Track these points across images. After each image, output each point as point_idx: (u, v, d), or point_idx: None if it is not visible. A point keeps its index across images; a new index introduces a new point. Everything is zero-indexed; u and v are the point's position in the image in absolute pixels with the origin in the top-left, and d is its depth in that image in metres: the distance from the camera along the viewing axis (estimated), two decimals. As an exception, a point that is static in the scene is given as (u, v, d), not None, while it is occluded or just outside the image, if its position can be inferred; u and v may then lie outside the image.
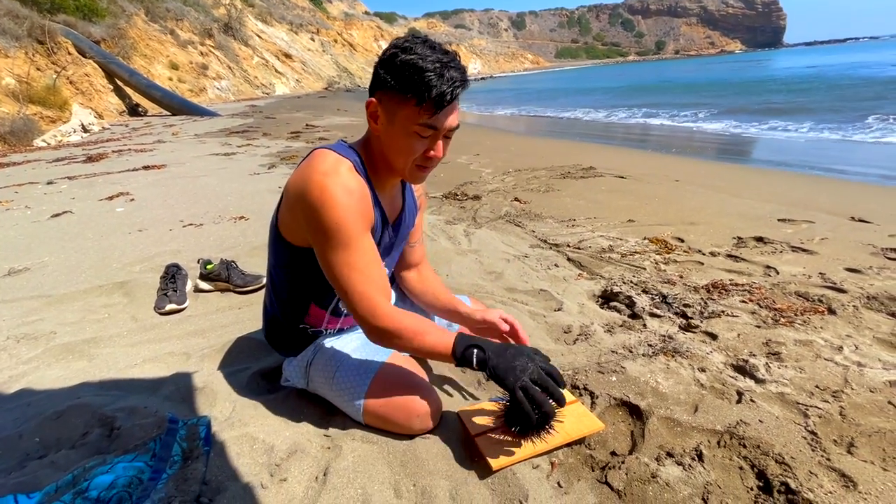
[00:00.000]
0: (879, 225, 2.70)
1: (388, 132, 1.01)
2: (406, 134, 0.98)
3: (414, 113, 0.95)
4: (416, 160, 1.01)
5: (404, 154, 1.00)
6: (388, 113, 0.99)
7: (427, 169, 1.05)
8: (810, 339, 1.48)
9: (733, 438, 1.06)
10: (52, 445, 1.12)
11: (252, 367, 1.39)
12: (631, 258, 2.24)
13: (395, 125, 0.99)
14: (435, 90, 0.93)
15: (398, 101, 0.96)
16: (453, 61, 0.96)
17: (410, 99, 0.94)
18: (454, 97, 0.96)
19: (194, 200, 3.61)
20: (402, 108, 0.96)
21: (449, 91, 0.94)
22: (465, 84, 0.97)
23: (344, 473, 1.00)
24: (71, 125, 9.23)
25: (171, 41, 21.53)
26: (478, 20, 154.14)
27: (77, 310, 1.85)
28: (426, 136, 0.98)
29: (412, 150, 0.99)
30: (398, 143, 1.00)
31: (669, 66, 66.40)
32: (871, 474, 0.96)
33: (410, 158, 1.00)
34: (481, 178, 4.36)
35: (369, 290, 0.98)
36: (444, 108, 0.95)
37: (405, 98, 0.95)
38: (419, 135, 0.98)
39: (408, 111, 0.96)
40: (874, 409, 1.16)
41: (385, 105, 0.99)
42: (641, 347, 1.46)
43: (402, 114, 0.97)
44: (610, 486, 0.96)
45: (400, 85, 0.94)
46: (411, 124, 0.97)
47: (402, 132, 0.98)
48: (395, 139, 1.00)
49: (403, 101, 0.95)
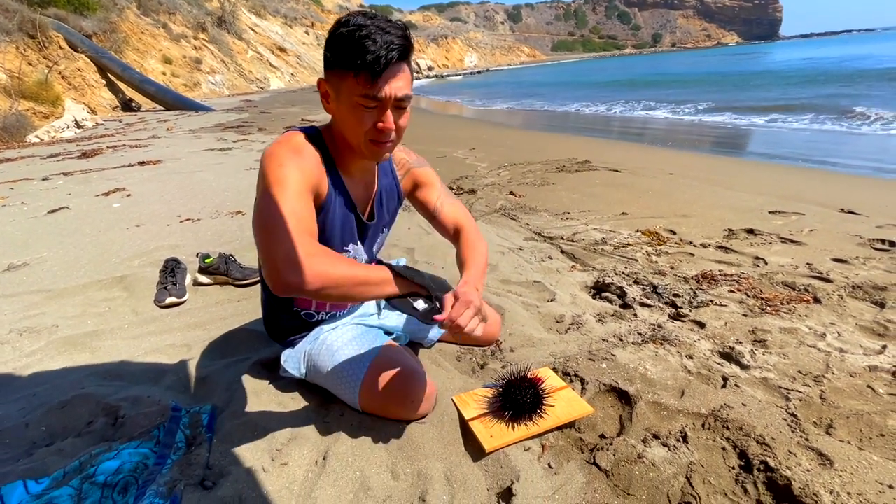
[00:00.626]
0: (868, 216, 2.75)
1: (338, 110, 0.99)
2: (351, 107, 0.95)
3: (354, 84, 0.93)
4: (367, 134, 0.98)
5: (354, 129, 0.98)
6: (334, 89, 0.98)
7: (383, 144, 1.00)
8: (795, 326, 1.52)
9: (717, 421, 1.11)
10: (58, 434, 1.15)
11: (252, 358, 1.42)
12: (623, 250, 2.28)
13: (341, 101, 0.97)
14: (369, 55, 0.89)
15: (340, 76, 0.95)
16: (392, 26, 0.93)
17: (349, 71, 0.92)
18: (389, 61, 0.91)
19: (191, 195, 3.62)
20: (343, 82, 0.94)
21: (383, 55, 0.90)
22: (402, 49, 0.93)
23: (343, 457, 1.04)
24: (64, 121, 9.17)
25: (163, 35, 21.32)
26: (474, 13, 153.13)
27: (78, 304, 1.87)
28: (371, 108, 0.95)
29: (360, 123, 0.96)
30: (347, 118, 0.98)
31: (665, 58, 66.25)
32: (847, 453, 1.00)
33: (361, 132, 0.97)
34: (477, 172, 4.38)
35: (294, 231, 0.86)
36: (380, 74, 0.91)
37: (344, 71, 0.93)
38: (364, 106, 0.95)
39: (348, 84, 0.93)
40: (853, 393, 1.21)
41: (331, 83, 0.98)
42: (631, 336, 1.50)
43: (345, 88, 0.95)
44: (598, 467, 1.00)
45: (338, 58, 0.93)
46: (354, 96, 0.94)
47: (347, 107, 0.96)
48: (343, 115, 0.98)
49: (343, 75, 0.93)
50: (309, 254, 0.85)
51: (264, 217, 0.89)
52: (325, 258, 0.87)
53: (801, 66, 23.29)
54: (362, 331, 1.25)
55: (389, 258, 1.60)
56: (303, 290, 0.84)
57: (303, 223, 0.89)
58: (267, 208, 0.89)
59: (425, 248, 2.41)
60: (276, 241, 0.85)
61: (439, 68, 68.46)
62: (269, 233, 0.87)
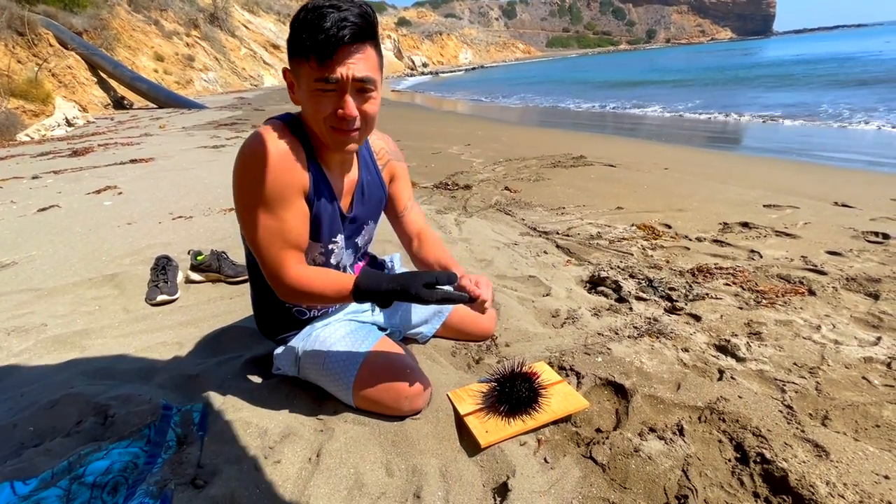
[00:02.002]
0: (862, 209, 2.76)
1: (301, 98, 0.95)
2: (310, 94, 0.91)
3: (309, 70, 0.89)
4: (327, 121, 0.93)
5: (314, 116, 0.94)
6: (296, 78, 0.94)
7: (346, 132, 0.94)
8: (790, 319, 1.52)
9: (713, 414, 1.10)
10: (46, 434, 1.13)
11: (244, 355, 1.40)
12: (619, 244, 2.27)
13: (301, 88, 0.93)
14: (321, 34, 0.84)
15: (297, 62, 0.91)
16: (349, 4, 0.87)
17: (303, 54, 0.88)
18: (341, 39, 0.85)
19: (183, 193, 3.59)
20: (301, 68, 0.91)
21: (334, 33, 0.84)
22: (357, 27, 0.87)
23: (336, 454, 1.03)
24: (54, 119, 9.07)
25: (155, 32, 21.10)
26: (468, 9, 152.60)
27: (67, 302, 1.84)
28: (329, 91, 0.90)
29: (319, 110, 0.92)
30: (307, 106, 0.94)
31: (660, 54, 66.32)
32: (842, 444, 1.00)
33: (320, 119, 0.93)
34: (472, 167, 4.37)
35: (277, 248, 0.97)
36: (332, 55, 0.86)
37: (300, 57, 0.89)
38: (321, 91, 0.90)
39: (305, 69, 0.90)
40: (849, 384, 1.20)
41: (293, 71, 0.94)
42: (627, 330, 1.49)
43: (303, 74, 0.91)
44: (594, 461, 1.00)
45: (294, 44, 0.89)
46: (310, 82, 0.90)
47: (306, 93, 0.92)
48: (305, 104, 0.95)
49: (301, 61, 0.90)
50: (289, 273, 0.98)
51: (252, 236, 0.98)
52: (303, 277, 0.99)
53: (793, 60, 23.36)
54: (356, 327, 1.23)
55: (383, 254, 1.58)
56: (288, 301, 1.05)
57: (288, 238, 0.98)
58: (252, 231, 0.97)
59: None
60: (264, 261, 0.99)
61: (434, 65, 68.21)
62: (258, 253, 1.00)
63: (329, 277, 1.01)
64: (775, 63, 23.13)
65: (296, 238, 0.99)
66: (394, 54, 59.26)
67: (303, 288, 0.99)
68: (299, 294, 1.00)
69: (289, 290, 1.00)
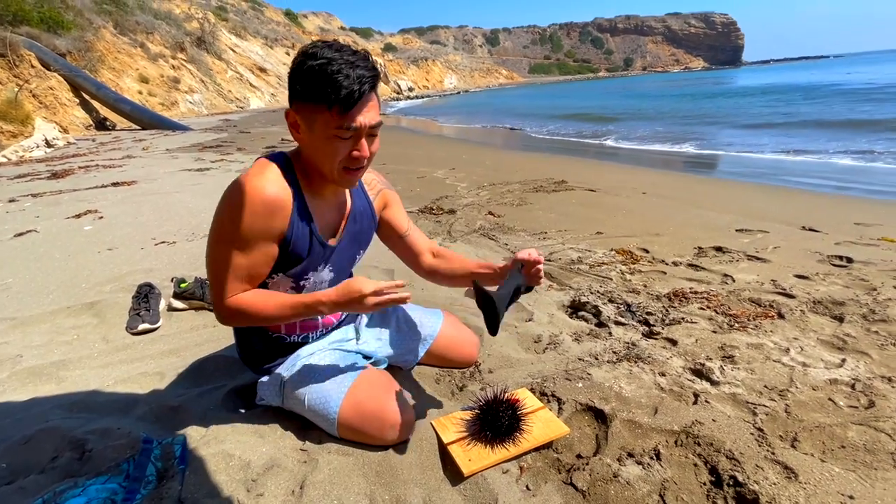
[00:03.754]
0: (828, 233, 2.90)
1: (311, 140, 1.01)
2: (326, 139, 0.99)
3: (328, 117, 0.96)
4: (342, 162, 1.01)
5: (329, 159, 1.01)
6: (306, 121, 1.00)
7: (356, 172, 1.04)
8: (761, 342, 1.59)
9: (689, 437, 1.14)
10: (20, 471, 1.10)
11: (227, 385, 1.39)
12: (598, 269, 2.34)
13: (314, 133, 0.99)
14: (343, 90, 0.93)
15: (312, 109, 0.97)
16: (360, 59, 0.97)
17: (322, 104, 0.95)
18: (362, 94, 0.95)
19: (167, 217, 3.56)
20: (317, 115, 0.97)
21: (357, 89, 0.94)
22: (373, 80, 0.98)
23: (320, 486, 1.03)
24: (34, 140, 8.92)
25: (141, 54, 21.12)
26: (453, 36, 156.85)
27: (44, 332, 1.81)
28: (347, 138, 0.99)
29: (336, 153, 1.00)
30: (321, 149, 1.01)
31: (636, 82, 68.87)
32: (810, 465, 1.04)
33: (336, 161, 1.01)
34: (457, 192, 4.45)
35: (226, 280, 1.03)
36: (354, 106, 0.95)
37: (317, 104, 0.96)
38: (339, 137, 0.98)
39: (323, 116, 0.96)
40: (816, 406, 1.26)
41: (302, 114, 1.00)
42: (607, 354, 1.53)
43: (319, 121, 0.97)
44: (575, 487, 1.02)
45: (310, 92, 0.96)
46: (329, 129, 0.97)
47: (322, 138, 0.99)
48: (318, 146, 1.01)
49: (316, 108, 0.96)
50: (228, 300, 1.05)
51: (208, 261, 1.06)
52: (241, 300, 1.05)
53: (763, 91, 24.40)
54: (340, 356, 1.25)
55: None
56: (225, 324, 1.10)
57: (239, 273, 1.04)
58: (213, 259, 1.05)
59: (404, 269, 2.42)
60: (211, 285, 1.07)
61: (420, 89, 69.55)
62: (209, 277, 1.07)
63: (269, 297, 1.07)
64: (748, 93, 24.08)
65: (247, 275, 1.05)
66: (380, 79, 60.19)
67: (240, 307, 1.05)
68: (236, 314, 1.06)
69: (226, 311, 1.06)
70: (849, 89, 19.52)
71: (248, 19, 42.50)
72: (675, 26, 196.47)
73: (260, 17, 47.22)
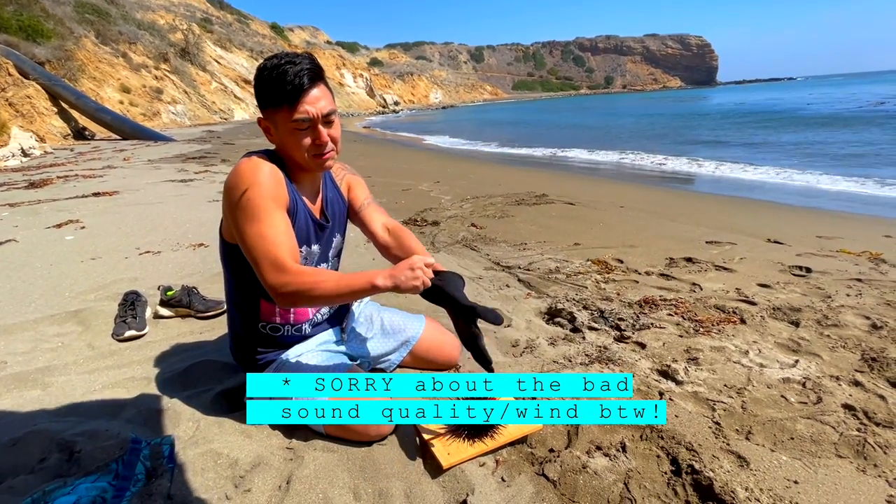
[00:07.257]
0: (791, 245, 3.07)
1: (280, 138, 1.15)
2: (289, 133, 1.12)
3: (285, 115, 1.10)
4: (309, 151, 1.14)
5: (298, 150, 1.14)
6: (273, 123, 1.14)
7: (325, 156, 1.16)
8: (723, 345, 1.69)
9: (653, 432, 1.23)
10: (8, 472, 1.12)
11: (215, 388, 1.43)
12: (575, 278, 2.44)
13: (280, 131, 1.14)
14: (288, 86, 1.07)
15: (272, 112, 1.12)
16: (301, 58, 1.10)
17: (278, 105, 1.09)
18: (303, 86, 1.08)
19: (151, 228, 3.56)
20: (276, 116, 1.12)
21: (298, 81, 1.07)
22: (312, 73, 1.09)
23: (306, 481, 1.08)
24: (9, 149, 8.74)
25: (123, 64, 20.94)
26: (438, 52, 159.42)
27: (28, 339, 1.81)
28: (304, 129, 1.11)
29: (300, 145, 1.13)
30: (288, 143, 1.14)
31: (616, 100, 70.82)
32: (761, 455, 1.14)
33: (303, 152, 1.14)
34: (441, 204, 4.54)
35: (278, 253, 1.06)
36: (299, 99, 1.08)
37: (275, 107, 1.10)
38: (298, 129, 1.11)
39: (281, 115, 1.11)
40: (770, 402, 1.36)
41: (268, 118, 1.14)
42: (580, 357, 1.62)
43: (280, 120, 1.12)
44: (546, 478, 1.09)
45: (265, 96, 1.11)
46: (288, 124, 1.11)
47: (286, 133, 1.13)
48: (285, 141, 1.14)
49: (275, 111, 1.11)
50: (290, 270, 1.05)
51: (251, 250, 1.08)
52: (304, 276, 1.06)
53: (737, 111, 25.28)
54: (326, 357, 1.31)
55: None
56: (286, 302, 1.08)
57: (284, 239, 1.08)
58: (252, 242, 1.08)
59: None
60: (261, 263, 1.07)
61: (405, 103, 70.21)
62: (257, 258, 1.07)
63: (329, 273, 1.13)
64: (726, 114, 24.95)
65: (288, 243, 1.11)
66: (366, 92, 60.61)
67: (302, 277, 1.05)
68: (299, 287, 1.04)
69: (288, 286, 1.04)
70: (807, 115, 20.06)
71: (234, 32, 42.57)
72: (653, 47, 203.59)
73: (246, 30, 47.35)
